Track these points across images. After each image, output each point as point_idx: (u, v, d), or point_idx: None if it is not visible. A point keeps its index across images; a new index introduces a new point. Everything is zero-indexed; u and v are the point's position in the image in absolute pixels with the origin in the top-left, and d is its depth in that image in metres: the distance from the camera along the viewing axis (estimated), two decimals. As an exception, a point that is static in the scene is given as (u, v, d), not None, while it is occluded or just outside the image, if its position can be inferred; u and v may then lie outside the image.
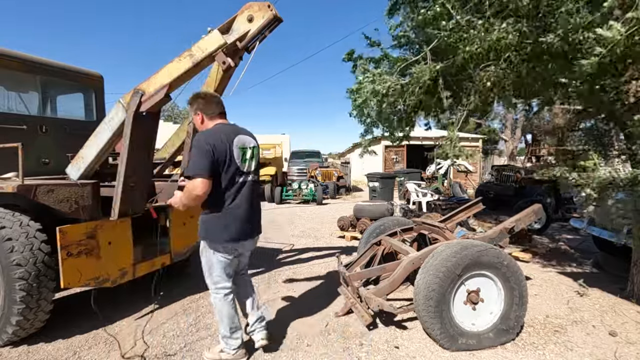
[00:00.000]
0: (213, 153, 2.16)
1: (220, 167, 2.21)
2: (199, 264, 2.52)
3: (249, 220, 2.39)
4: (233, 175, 2.27)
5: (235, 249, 2.39)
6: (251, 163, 2.39)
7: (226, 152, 2.22)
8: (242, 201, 2.33)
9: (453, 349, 2.55)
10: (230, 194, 2.29)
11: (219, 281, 2.42)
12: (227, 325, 2.41)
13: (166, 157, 4.09)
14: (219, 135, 2.25)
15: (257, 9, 2.81)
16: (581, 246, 5.74)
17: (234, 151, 2.26)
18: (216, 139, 2.21)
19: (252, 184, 2.41)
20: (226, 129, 2.34)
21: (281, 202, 11.77)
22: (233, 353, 2.45)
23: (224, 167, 2.23)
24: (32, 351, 2.63)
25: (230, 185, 2.28)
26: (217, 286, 2.42)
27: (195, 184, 2.14)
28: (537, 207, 3.68)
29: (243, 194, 2.34)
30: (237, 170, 2.29)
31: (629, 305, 3.39)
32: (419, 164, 18.42)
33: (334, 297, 3.61)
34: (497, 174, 10.14)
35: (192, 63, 2.85)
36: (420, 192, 9.74)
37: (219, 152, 2.19)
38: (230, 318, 2.42)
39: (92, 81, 4.19)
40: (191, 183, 2.17)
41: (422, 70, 3.60)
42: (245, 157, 2.35)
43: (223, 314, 2.41)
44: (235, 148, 2.28)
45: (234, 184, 2.29)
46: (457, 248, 2.60)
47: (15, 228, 2.60)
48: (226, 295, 2.43)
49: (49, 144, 3.68)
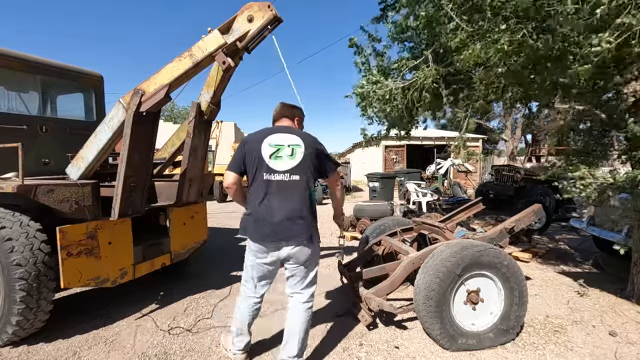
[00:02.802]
0: (243, 150, 2.25)
1: (249, 164, 2.23)
2: (199, 264, 2.51)
3: (269, 220, 2.15)
4: (260, 173, 2.20)
5: (260, 251, 2.23)
6: (289, 161, 2.19)
7: (255, 149, 2.21)
8: (263, 199, 2.17)
9: (453, 349, 2.55)
10: (256, 192, 2.21)
11: (244, 277, 2.43)
12: (234, 325, 2.44)
13: (166, 157, 4.09)
14: (256, 134, 2.30)
15: (257, 9, 2.82)
16: (581, 246, 5.74)
17: (262, 149, 2.20)
18: (250, 137, 2.30)
19: (285, 183, 2.18)
20: (270, 129, 2.34)
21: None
22: (234, 351, 2.46)
23: (251, 165, 2.22)
24: (32, 351, 2.63)
25: (256, 182, 2.21)
26: (243, 282, 2.45)
27: (224, 176, 2.32)
28: (537, 207, 3.68)
29: (272, 193, 2.17)
30: (264, 167, 2.19)
31: (629, 305, 3.39)
32: (419, 164, 18.43)
33: (334, 297, 3.61)
34: (497, 174, 10.13)
35: (192, 63, 2.86)
36: (420, 192, 9.74)
37: (249, 150, 2.23)
38: (238, 320, 2.41)
39: (92, 81, 4.19)
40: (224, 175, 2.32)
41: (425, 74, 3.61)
42: (278, 154, 2.19)
43: (236, 311, 2.45)
44: (265, 145, 2.20)
45: (260, 182, 2.20)
46: (457, 248, 2.61)
47: (16, 228, 2.60)
48: (246, 298, 2.39)
49: (49, 144, 3.68)
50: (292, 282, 2.35)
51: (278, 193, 2.17)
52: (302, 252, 2.23)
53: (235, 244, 6.16)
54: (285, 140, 2.22)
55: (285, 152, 2.20)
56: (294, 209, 2.17)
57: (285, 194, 2.17)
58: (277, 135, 2.25)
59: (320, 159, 2.29)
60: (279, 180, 2.18)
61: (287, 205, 2.16)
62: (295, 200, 2.18)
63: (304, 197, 2.21)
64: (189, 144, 3.33)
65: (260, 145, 2.20)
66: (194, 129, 3.31)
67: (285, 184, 2.18)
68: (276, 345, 2.61)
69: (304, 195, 2.22)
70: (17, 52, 3.53)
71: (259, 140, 2.22)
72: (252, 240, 2.24)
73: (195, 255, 4.29)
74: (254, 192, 2.21)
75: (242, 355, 2.46)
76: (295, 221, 2.17)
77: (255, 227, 2.20)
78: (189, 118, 3.33)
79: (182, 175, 3.44)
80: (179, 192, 3.48)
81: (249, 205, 2.25)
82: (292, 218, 2.16)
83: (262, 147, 2.20)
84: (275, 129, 2.33)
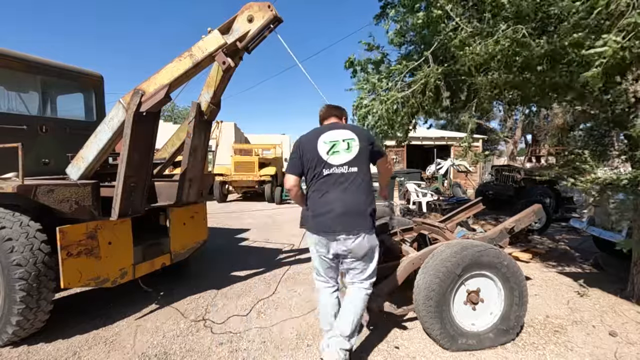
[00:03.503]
0: (299, 151, 2.38)
1: (307, 163, 2.34)
2: (199, 264, 2.52)
3: (332, 212, 2.22)
4: (319, 170, 2.31)
5: (321, 242, 2.29)
6: (345, 155, 2.30)
7: (311, 148, 2.34)
8: (324, 194, 2.28)
9: (453, 349, 2.55)
10: (317, 188, 2.32)
11: (314, 270, 2.51)
12: (322, 323, 2.48)
13: (166, 157, 4.09)
14: (309, 134, 2.43)
15: (257, 9, 2.82)
16: (581, 246, 5.74)
17: (318, 147, 2.32)
18: (304, 138, 2.42)
19: (345, 175, 2.28)
20: (322, 127, 2.47)
21: (281, 202, 11.76)
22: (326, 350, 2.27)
23: (310, 163, 2.33)
24: (32, 351, 2.63)
25: (316, 179, 2.33)
26: (314, 275, 2.53)
27: (285, 178, 2.44)
28: (537, 207, 3.68)
29: (327, 187, 2.29)
30: (323, 163, 2.31)
31: (629, 305, 3.39)
32: (419, 164, 18.43)
33: (334, 297, 3.61)
34: (497, 174, 10.13)
35: (192, 63, 2.86)
36: (420, 192, 9.74)
37: (305, 149, 2.36)
38: (323, 315, 2.45)
39: (92, 81, 4.19)
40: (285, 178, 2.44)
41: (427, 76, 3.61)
42: (335, 149, 2.31)
43: (319, 308, 2.50)
44: (320, 143, 2.33)
45: (320, 178, 2.31)
46: (457, 248, 2.60)
47: (16, 228, 2.60)
48: (322, 290, 2.46)
49: (49, 144, 3.68)
50: (352, 274, 2.39)
51: (338, 186, 2.27)
52: (361, 244, 2.25)
53: (235, 244, 6.16)
54: (340, 136, 2.34)
55: (341, 146, 2.31)
56: (354, 201, 2.25)
57: (345, 187, 2.27)
58: (331, 132, 2.37)
59: (372, 149, 2.41)
60: (338, 174, 2.28)
61: (347, 197, 2.25)
62: (355, 193, 2.27)
63: (362, 189, 2.30)
64: (189, 144, 3.33)
65: (316, 144, 2.33)
66: (194, 129, 3.31)
67: (344, 177, 2.28)
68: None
69: (362, 187, 2.30)
70: (17, 52, 3.53)
71: (313, 140, 2.36)
72: (313, 233, 2.34)
73: (195, 255, 4.29)
74: (314, 188, 2.33)
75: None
76: (355, 213, 2.24)
77: (316, 221, 2.29)
78: (189, 118, 3.33)
79: (182, 175, 3.44)
80: (179, 192, 3.48)
81: (310, 200, 2.36)
82: (352, 210, 2.23)
83: (318, 146, 2.33)
84: (327, 127, 2.45)
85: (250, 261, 4.91)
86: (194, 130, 3.31)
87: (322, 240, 2.29)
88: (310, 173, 2.35)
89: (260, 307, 3.43)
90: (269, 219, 8.76)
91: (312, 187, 2.35)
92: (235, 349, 2.67)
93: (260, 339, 2.82)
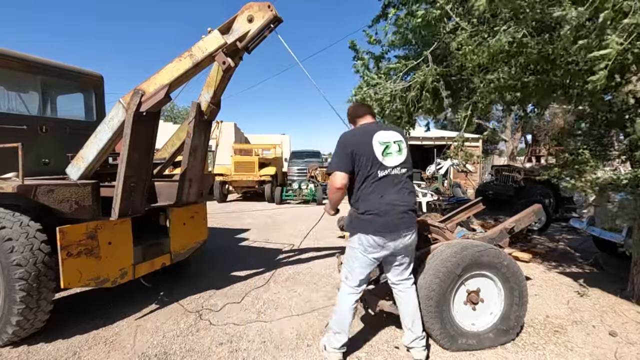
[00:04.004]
0: (350, 150, 2.28)
1: (359, 162, 2.29)
2: (199, 264, 2.52)
3: (388, 213, 2.27)
4: (374, 170, 2.29)
5: (377, 244, 2.30)
6: (398, 157, 2.36)
7: (365, 147, 2.30)
8: (384, 194, 2.29)
9: (453, 349, 2.55)
10: (374, 188, 2.29)
11: (348, 277, 2.45)
12: (337, 321, 2.44)
13: (166, 157, 4.09)
14: (359, 132, 2.41)
15: (257, 9, 2.82)
16: (581, 246, 5.74)
17: (374, 147, 2.30)
18: (355, 135, 2.38)
19: (398, 176, 2.35)
20: (368, 127, 2.45)
21: (281, 202, 11.76)
22: (331, 350, 2.46)
23: (364, 162, 2.28)
24: (32, 351, 2.63)
25: (371, 179, 2.29)
26: (346, 281, 2.46)
27: (333, 178, 2.32)
28: (537, 207, 3.67)
29: (387, 187, 2.30)
30: (378, 164, 2.30)
31: (629, 305, 3.39)
32: (419, 164, 18.42)
33: (334, 297, 3.61)
34: (497, 174, 10.13)
35: (192, 63, 2.86)
36: (420, 192, 9.73)
37: (357, 149, 2.29)
38: (340, 319, 2.43)
39: (92, 81, 4.19)
40: (330, 178, 2.35)
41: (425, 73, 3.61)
42: (388, 150, 2.34)
43: (338, 309, 2.45)
44: (376, 143, 2.32)
45: (377, 178, 2.29)
46: (457, 248, 2.60)
47: (16, 228, 2.60)
48: (349, 295, 2.43)
49: (49, 144, 3.68)
50: (398, 271, 2.49)
51: (394, 187, 2.32)
52: (413, 240, 2.42)
53: (235, 244, 6.16)
54: (391, 137, 2.38)
55: (393, 148, 2.36)
56: (409, 200, 2.37)
57: (399, 187, 2.34)
58: (383, 133, 2.38)
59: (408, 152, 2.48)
60: (393, 175, 2.33)
61: (403, 197, 2.34)
62: (407, 192, 2.38)
63: (411, 188, 2.43)
64: (189, 144, 3.33)
65: (371, 144, 2.31)
66: (194, 129, 3.31)
67: (398, 179, 2.35)
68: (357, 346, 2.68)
69: (411, 187, 2.43)
70: (17, 52, 3.53)
71: (368, 139, 2.33)
72: (368, 234, 2.29)
73: (195, 255, 4.29)
74: (372, 189, 2.29)
75: (339, 354, 2.46)
76: (410, 212, 2.37)
77: (377, 222, 2.27)
78: (189, 118, 3.33)
79: (182, 175, 3.44)
80: (179, 192, 3.48)
81: (366, 202, 2.30)
82: (409, 209, 2.36)
83: (373, 146, 2.31)
84: (377, 127, 2.45)
85: (250, 261, 4.91)
86: (194, 130, 3.31)
87: (378, 241, 2.29)
88: (362, 172, 2.30)
89: (260, 307, 3.43)
90: (269, 219, 8.76)
91: (368, 188, 2.30)
92: (235, 349, 2.67)
93: (260, 339, 2.82)
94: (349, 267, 2.45)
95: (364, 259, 2.36)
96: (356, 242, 2.36)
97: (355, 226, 2.36)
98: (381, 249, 2.33)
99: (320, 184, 12.62)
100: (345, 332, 2.45)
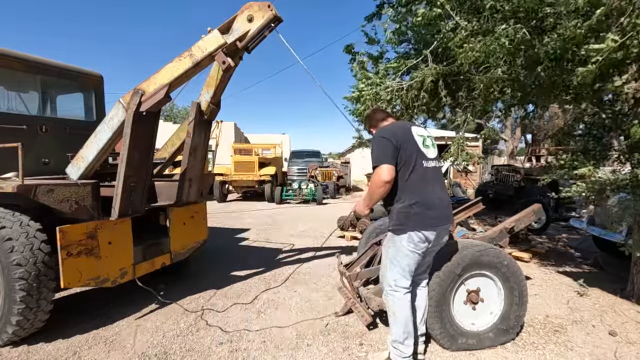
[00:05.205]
0: (393, 142, 2.19)
1: (404, 153, 2.20)
2: (199, 264, 2.51)
3: (438, 206, 2.23)
4: (419, 162, 2.23)
5: (426, 239, 2.22)
6: (433, 150, 2.35)
7: (408, 140, 2.25)
8: (430, 187, 2.24)
9: (453, 348, 2.55)
10: (420, 181, 2.21)
11: (399, 278, 2.27)
12: (401, 329, 2.26)
13: (166, 157, 4.09)
14: (396, 127, 2.35)
15: (257, 9, 2.82)
16: (581, 246, 5.74)
17: (416, 139, 2.28)
18: (395, 129, 2.30)
19: (436, 170, 2.33)
20: (401, 123, 2.47)
21: (281, 202, 11.76)
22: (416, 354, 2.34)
23: (410, 154, 2.21)
24: (32, 351, 2.63)
25: (417, 172, 2.22)
26: (397, 283, 2.28)
27: (379, 171, 2.15)
28: (537, 207, 3.68)
29: (431, 180, 2.25)
30: (422, 155, 2.26)
31: (629, 305, 3.39)
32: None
33: (334, 297, 3.61)
34: (497, 173, 10.13)
35: (192, 63, 2.86)
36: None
37: (401, 140, 2.21)
38: (405, 321, 2.26)
39: (92, 81, 4.19)
40: (376, 171, 2.18)
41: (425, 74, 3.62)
42: (426, 143, 2.32)
43: (399, 315, 2.26)
44: (416, 135, 2.30)
45: (422, 171, 2.23)
46: (457, 247, 2.60)
47: (16, 228, 2.60)
48: (405, 295, 2.29)
49: (49, 144, 3.68)
50: (424, 267, 2.48)
51: (436, 179, 2.32)
52: (446, 233, 2.40)
53: (235, 244, 6.16)
54: (424, 132, 2.39)
55: (428, 142, 2.35)
56: (446, 193, 2.39)
57: (439, 180, 2.37)
58: (417, 128, 2.38)
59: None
60: (433, 167, 2.32)
61: (443, 189, 2.37)
62: (444, 185, 2.42)
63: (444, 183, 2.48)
64: (189, 144, 3.33)
65: (413, 136, 2.29)
66: (194, 129, 3.30)
67: (437, 171, 2.36)
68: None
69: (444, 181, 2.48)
70: (17, 52, 3.53)
71: (408, 132, 2.29)
72: (422, 230, 2.19)
73: (195, 255, 4.29)
74: (417, 181, 2.21)
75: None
76: (449, 204, 2.37)
77: (428, 215, 2.20)
78: (189, 118, 3.33)
79: (182, 175, 3.44)
80: (179, 192, 3.48)
81: (413, 194, 2.19)
82: (448, 201, 2.36)
83: (415, 138, 2.29)
84: (409, 123, 2.47)
85: (250, 261, 4.91)
86: (194, 130, 3.31)
87: (429, 235, 2.21)
88: (407, 164, 2.20)
89: (260, 307, 3.43)
90: (269, 219, 8.76)
91: (415, 179, 2.20)
92: (235, 348, 2.68)
93: (260, 338, 2.82)
94: (400, 269, 2.26)
95: (414, 255, 2.24)
96: (405, 241, 2.21)
97: (403, 222, 2.20)
98: (428, 243, 2.25)
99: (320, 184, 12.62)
100: (412, 333, 2.30)
